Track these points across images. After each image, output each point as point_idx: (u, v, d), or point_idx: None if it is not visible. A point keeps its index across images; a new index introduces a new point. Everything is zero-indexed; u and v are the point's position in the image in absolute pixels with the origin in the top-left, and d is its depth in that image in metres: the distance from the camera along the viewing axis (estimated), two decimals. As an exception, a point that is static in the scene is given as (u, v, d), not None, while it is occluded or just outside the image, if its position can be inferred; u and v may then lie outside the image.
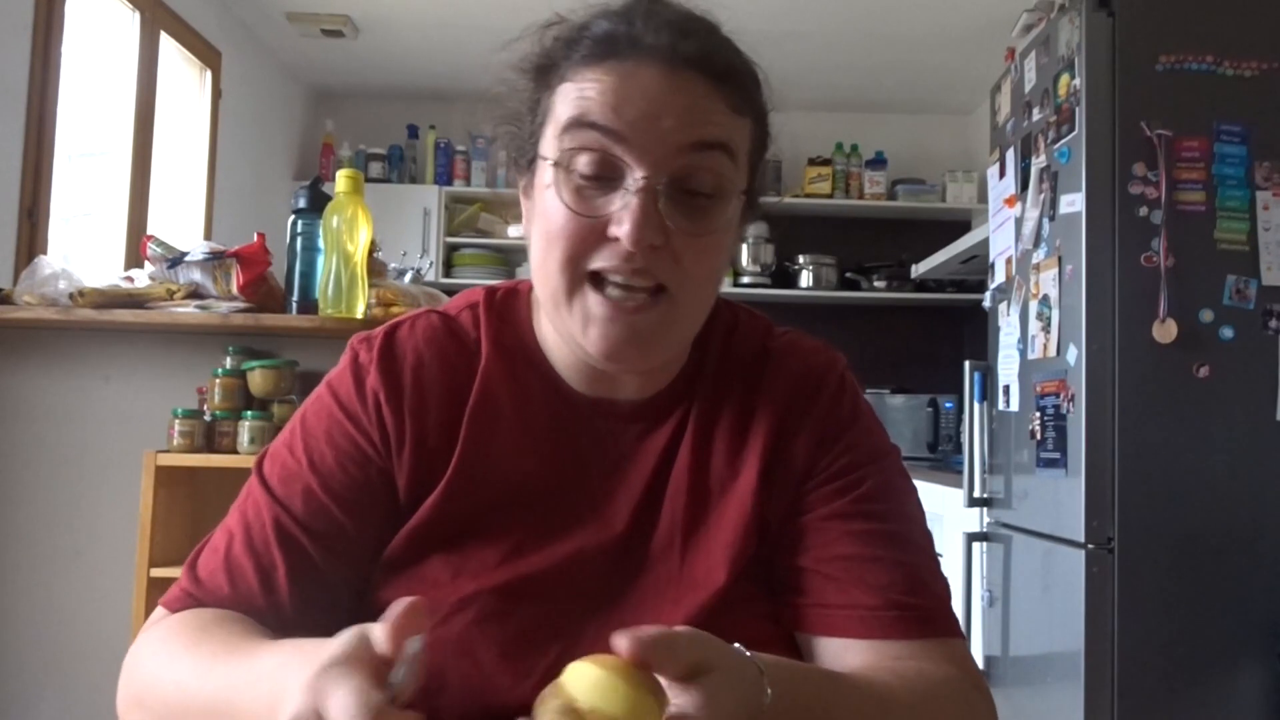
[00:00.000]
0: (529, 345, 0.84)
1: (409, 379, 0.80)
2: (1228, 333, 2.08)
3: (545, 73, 0.77)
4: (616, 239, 0.71)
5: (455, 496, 0.78)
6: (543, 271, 0.76)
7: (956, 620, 0.80)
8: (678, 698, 0.56)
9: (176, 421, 1.91)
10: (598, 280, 0.73)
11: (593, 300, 0.73)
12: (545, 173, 0.74)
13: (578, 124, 0.72)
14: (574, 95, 0.73)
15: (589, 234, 0.72)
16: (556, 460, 0.81)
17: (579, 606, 0.75)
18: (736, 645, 0.61)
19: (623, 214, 0.71)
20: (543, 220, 0.75)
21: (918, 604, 0.77)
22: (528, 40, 0.78)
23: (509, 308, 0.85)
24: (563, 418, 0.82)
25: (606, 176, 0.72)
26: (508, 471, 0.79)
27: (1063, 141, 2.22)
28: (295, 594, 0.75)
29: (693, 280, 0.74)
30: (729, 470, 0.81)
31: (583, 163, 0.72)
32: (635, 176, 0.71)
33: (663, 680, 0.56)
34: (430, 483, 0.78)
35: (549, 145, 0.75)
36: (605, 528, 0.79)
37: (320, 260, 1.95)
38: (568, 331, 0.76)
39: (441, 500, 0.77)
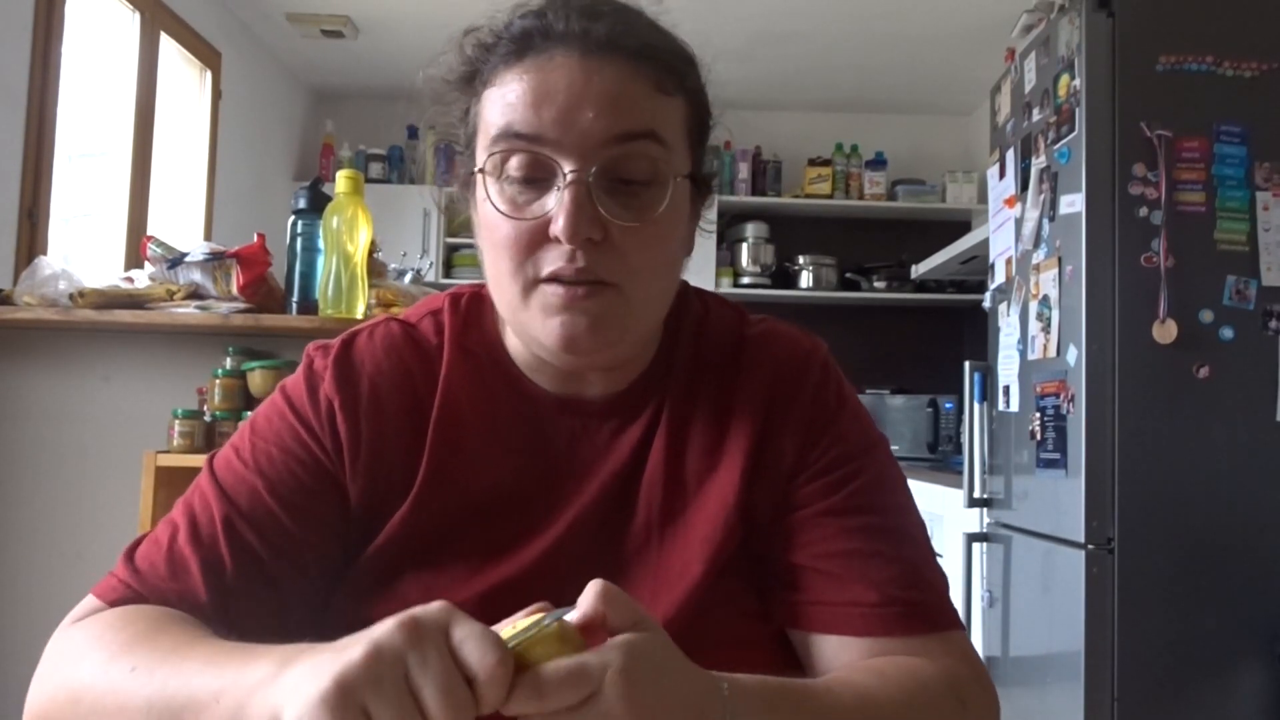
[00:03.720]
0: (495, 348, 0.82)
1: (366, 387, 0.78)
2: (1228, 333, 2.08)
3: (469, 81, 0.76)
4: (557, 238, 0.70)
5: (425, 508, 0.76)
6: (496, 282, 0.75)
7: (956, 612, 0.79)
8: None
9: (176, 422, 1.91)
10: (550, 279, 0.72)
11: (549, 291, 0.72)
12: (481, 184, 0.74)
13: (502, 135, 0.72)
14: (497, 102, 0.73)
15: (531, 237, 0.72)
16: (527, 463, 0.79)
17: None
18: (714, 674, 0.59)
19: (557, 211, 0.70)
20: (487, 231, 0.75)
21: (918, 599, 0.75)
22: (451, 51, 0.77)
23: (474, 311, 0.84)
24: (532, 419, 0.81)
25: (539, 178, 0.72)
26: (477, 479, 0.78)
27: (1063, 142, 2.22)
28: (241, 592, 0.72)
29: (639, 273, 0.73)
30: (706, 462, 0.79)
31: (513, 168, 0.72)
32: (564, 172, 0.70)
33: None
34: (391, 494, 0.77)
35: (481, 156, 0.74)
36: (578, 528, 0.78)
37: (320, 261, 1.95)
38: (528, 333, 0.75)
39: (411, 513, 0.76)
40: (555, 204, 0.71)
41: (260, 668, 0.57)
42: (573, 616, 0.56)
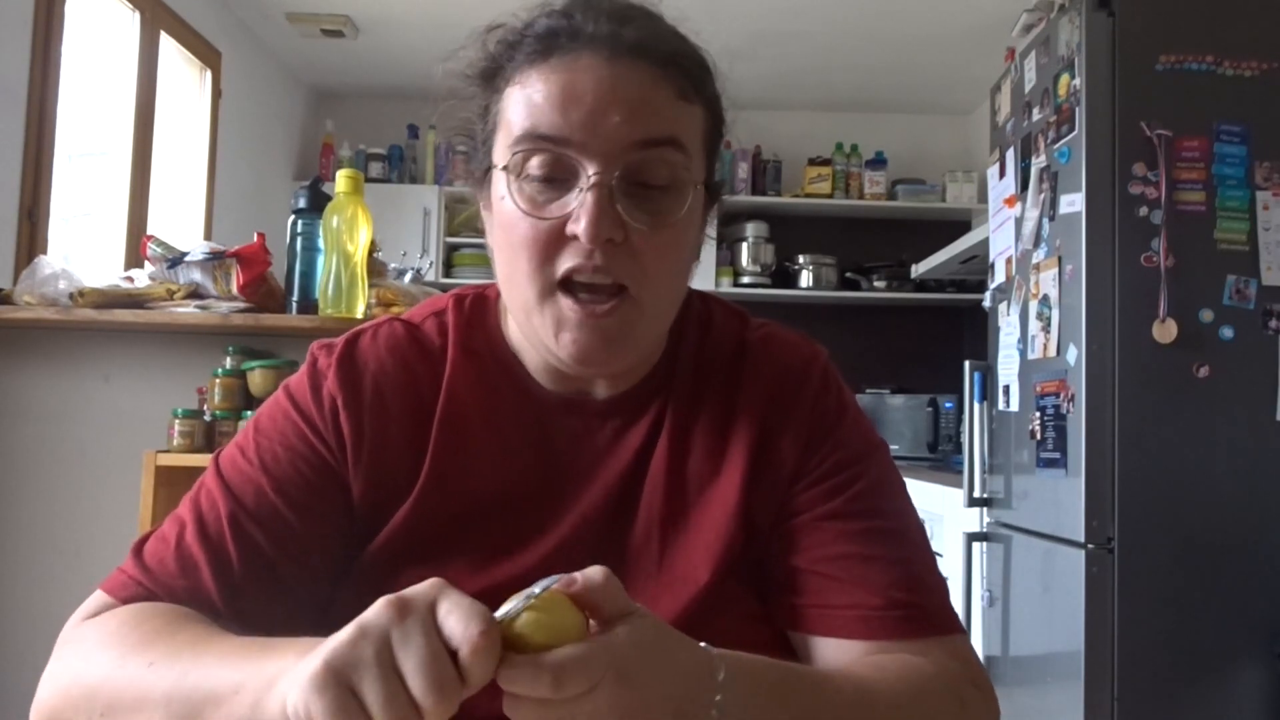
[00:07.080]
0: (499, 348, 0.83)
1: (369, 386, 0.79)
2: (1228, 333, 2.08)
3: (491, 77, 0.77)
4: (576, 237, 0.71)
5: (427, 507, 0.77)
6: (511, 281, 0.76)
7: (956, 615, 0.79)
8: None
9: (176, 421, 1.91)
10: (567, 285, 0.73)
11: (565, 305, 0.73)
12: (499, 181, 0.74)
13: (527, 137, 0.72)
14: (520, 101, 0.73)
15: (550, 237, 0.72)
16: (529, 463, 0.80)
17: None
18: (703, 644, 0.60)
19: (579, 211, 0.71)
20: (503, 230, 0.75)
21: (919, 602, 0.76)
22: (473, 46, 0.77)
23: (478, 312, 0.85)
24: (535, 418, 0.81)
25: (560, 178, 0.72)
26: (480, 478, 0.78)
27: (1063, 141, 2.22)
28: (250, 588, 0.73)
29: (654, 278, 0.74)
30: (709, 467, 0.80)
31: (534, 166, 0.72)
32: (588, 174, 0.71)
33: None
34: (394, 492, 0.77)
35: (500, 153, 0.74)
36: (579, 528, 0.78)
37: (320, 260, 1.95)
38: (539, 338, 0.76)
39: (413, 511, 0.77)
40: (576, 204, 0.71)
41: (278, 660, 0.58)
42: (556, 585, 0.56)
